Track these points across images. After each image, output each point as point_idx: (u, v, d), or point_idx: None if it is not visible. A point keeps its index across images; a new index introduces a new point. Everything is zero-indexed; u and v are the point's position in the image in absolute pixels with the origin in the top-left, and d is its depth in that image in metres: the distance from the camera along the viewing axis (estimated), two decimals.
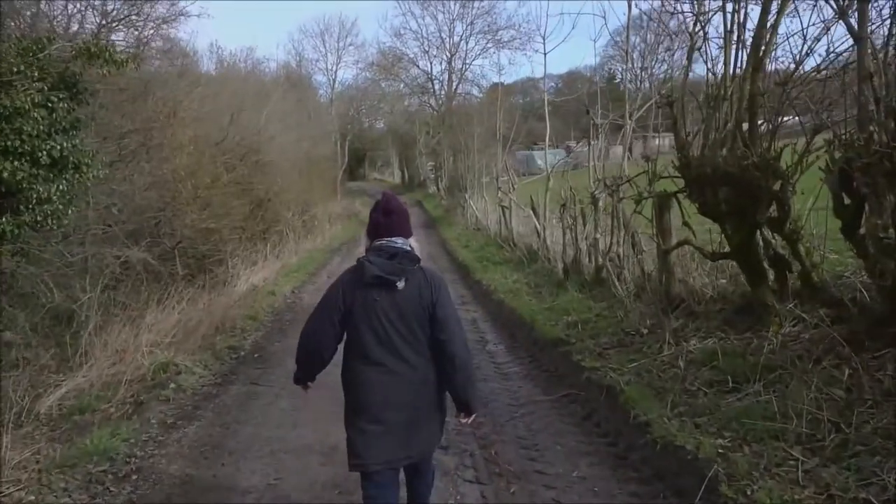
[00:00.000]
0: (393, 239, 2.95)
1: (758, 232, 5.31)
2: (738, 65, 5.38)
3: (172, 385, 6.44)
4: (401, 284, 2.88)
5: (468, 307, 10.00)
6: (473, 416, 3.11)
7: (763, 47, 4.85)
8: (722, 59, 5.48)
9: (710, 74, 5.68)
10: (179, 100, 12.96)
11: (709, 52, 5.83)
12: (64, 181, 7.29)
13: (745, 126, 5.03)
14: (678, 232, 6.90)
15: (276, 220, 18.96)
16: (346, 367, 3.02)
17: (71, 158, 7.22)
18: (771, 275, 5.46)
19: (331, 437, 4.89)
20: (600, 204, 8.67)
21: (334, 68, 45.24)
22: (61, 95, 7.06)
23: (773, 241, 5.36)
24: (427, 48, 41.91)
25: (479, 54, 41.47)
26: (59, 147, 7.04)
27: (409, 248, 2.96)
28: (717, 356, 4.97)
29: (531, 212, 12.09)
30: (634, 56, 8.79)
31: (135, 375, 6.93)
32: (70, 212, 7.35)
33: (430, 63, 42.42)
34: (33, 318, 8.93)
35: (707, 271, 6.84)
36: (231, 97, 15.84)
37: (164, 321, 8.75)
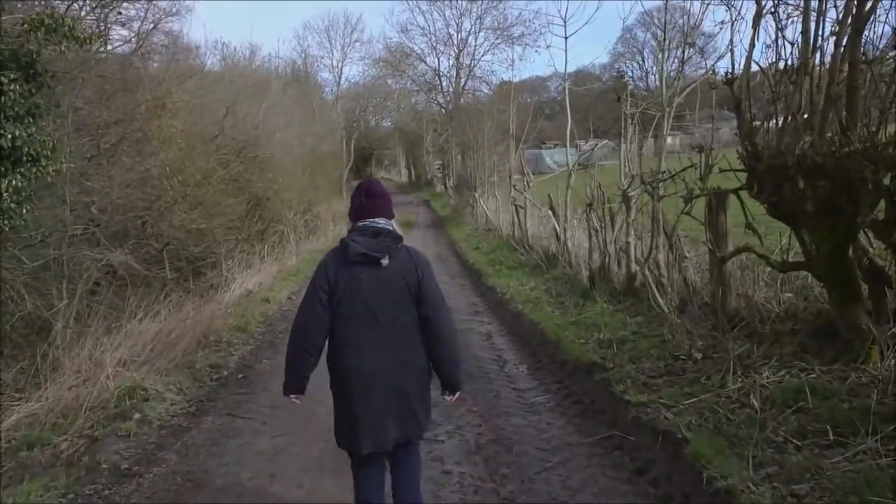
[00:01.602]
0: (376, 219, 2.97)
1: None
2: (821, 31, 4.36)
3: (137, 415, 5.46)
4: (385, 261, 2.89)
5: (481, 318, 8.97)
6: (458, 393, 3.11)
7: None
8: (800, 24, 4.45)
9: (781, 42, 4.64)
10: (168, 90, 12.00)
11: (778, 18, 4.79)
12: (18, 176, 6.33)
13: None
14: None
15: (276, 220, 18.01)
16: (331, 350, 2.96)
17: (26, 149, 6.26)
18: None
19: (316, 496, 3.89)
20: (633, 203, 7.63)
21: (340, 65, 44.22)
22: (13, 76, 6.09)
23: (869, 248, 4.32)
24: (434, 44, 40.87)
25: (489, 50, 40.36)
26: (10, 136, 6.08)
27: (391, 228, 2.97)
28: (804, 395, 3.93)
29: (550, 212, 11.05)
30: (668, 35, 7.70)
31: (98, 400, 5.97)
32: (25, 211, 6.38)
33: (438, 59, 41.37)
34: (2, 327, 8.03)
35: (766, 282, 5.81)
36: (228, 88, 14.87)
37: (144, 333, 7.80)
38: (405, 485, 3.08)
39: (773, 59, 4.70)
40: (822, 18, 4.34)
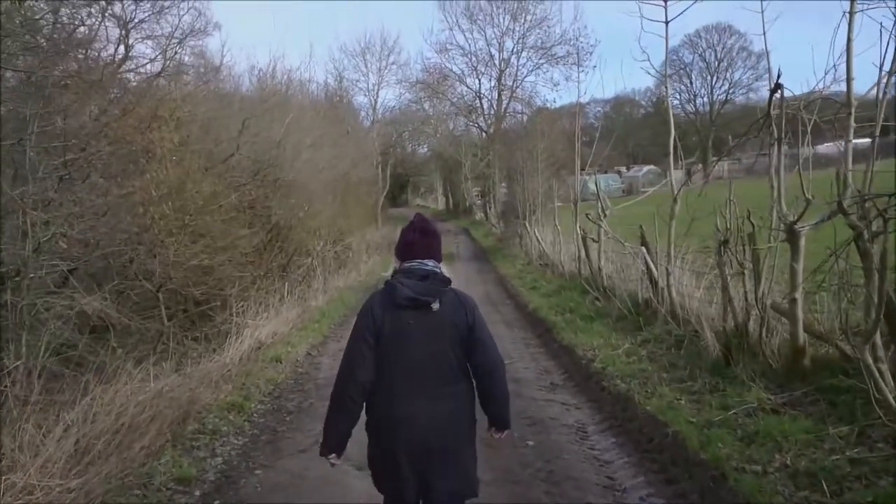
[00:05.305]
0: (424, 261, 2.82)
1: None
2: None
3: None
4: (436, 306, 2.74)
5: (563, 397, 6.48)
6: (506, 431, 2.93)
7: None
8: None
9: None
10: (170, 100, 10.00)
11: None
12: None
13: None
14: None
15: (304, 251, 15.89)
16: (376, 397, 2.75)
17: None
18: None
19: None
20: (801, 242, 5.16)
21: (376, 89, 42.42)
22: None
23: None
24: (475, 65, 38.94)
25: (532, 70, 38.25)
26: None
27: (439, 271, 2.82)
28: None
29: (643, 249, 8.56)
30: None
31: None
32: None
33: (479, 80, 39.41)
34: None
35: None
36: (244, 100, 12.86)
37: (100, 414, 5.63)
38: None
39: None
40: None
